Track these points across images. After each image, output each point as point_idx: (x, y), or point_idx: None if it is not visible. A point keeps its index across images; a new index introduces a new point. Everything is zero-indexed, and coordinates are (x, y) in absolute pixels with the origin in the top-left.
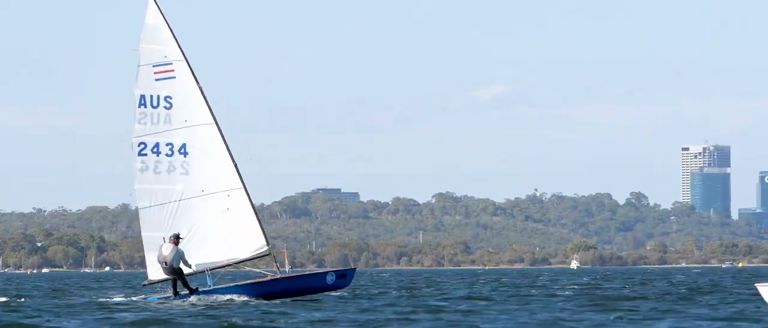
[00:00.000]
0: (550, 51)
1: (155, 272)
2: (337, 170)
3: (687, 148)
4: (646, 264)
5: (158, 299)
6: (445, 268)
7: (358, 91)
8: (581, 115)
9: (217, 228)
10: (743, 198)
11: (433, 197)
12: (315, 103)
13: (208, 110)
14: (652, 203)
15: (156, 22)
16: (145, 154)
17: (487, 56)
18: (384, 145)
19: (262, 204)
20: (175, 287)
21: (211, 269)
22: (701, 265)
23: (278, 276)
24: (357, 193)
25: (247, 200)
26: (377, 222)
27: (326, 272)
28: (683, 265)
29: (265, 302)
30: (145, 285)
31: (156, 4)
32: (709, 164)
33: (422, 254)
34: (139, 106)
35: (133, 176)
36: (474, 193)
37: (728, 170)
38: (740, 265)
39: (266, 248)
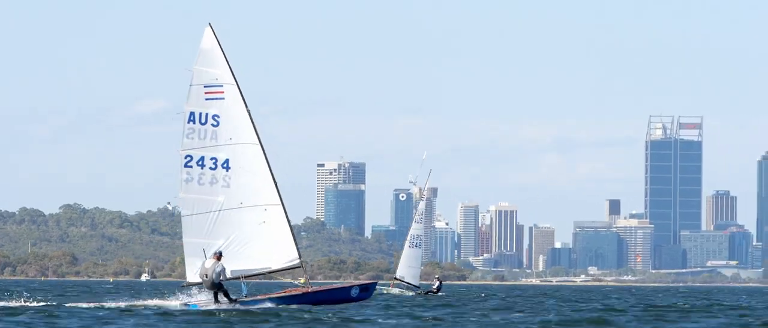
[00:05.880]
0: None
1: (194, 275)
2: None
3: (322, 165)
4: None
5: (199, 307)
6: (49, 279)
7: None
8: None
9: (253, 239)
10: (377, 215)
11: (60, 208)
12: None
13: (253, 131)
14: None
15: (211, 47)
16: (191, 167)
17: (148, 71)
18: (29, 157)
19: None
20: (216, 297)
21: (245, 277)
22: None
23: (309, 289)
24: None
25: (284, 216)
26: (2, 232)
27: (351, 286)
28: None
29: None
30: (183, 286)
31: (212, 30)
32: (344, 181)
33: (27, 265)
34: (188, 122)
35: (178, 186)
36: (107, 205)
37: (363, 186)
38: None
39: (298, 260)
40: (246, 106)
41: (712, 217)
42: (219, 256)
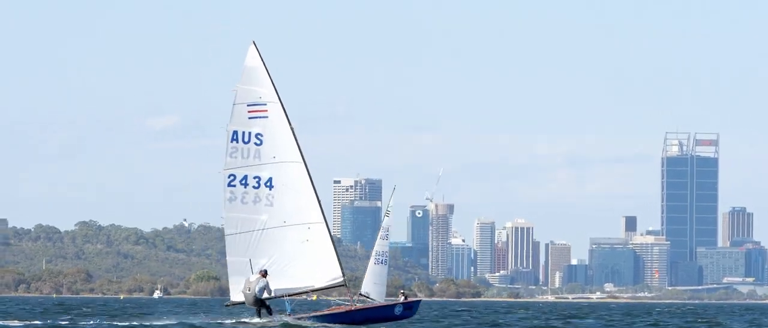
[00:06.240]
0: (220, 81)
1: (238, 295)
2: None
3: (339, 181)
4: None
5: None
6: (63, 296)
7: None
8: None
9: (296, 257)
10: (393, 232)
11: (75, 225)
12: None
13: (297, 149)
14: None
15: (254, 64)
16: (234, 186)
17: (163, 87)
18: (43, 171)
19: None
20: (258, 312)
21: (289, 295)
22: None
23: (355, 307)
24: (5, 220)
25: (327, 233)
26: (18, 249)
27: (394, 305)
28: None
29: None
30: (227, 305)
31: (256, 48)
32: (361, 198)
33: (42, 282)
34: (232, 141)
35: (222, 205)
36: (123, 222)
37: (379, 203)
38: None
39: (341, 278)
40: (290, 124)
41: (728, 233)
42: (264, 274)
